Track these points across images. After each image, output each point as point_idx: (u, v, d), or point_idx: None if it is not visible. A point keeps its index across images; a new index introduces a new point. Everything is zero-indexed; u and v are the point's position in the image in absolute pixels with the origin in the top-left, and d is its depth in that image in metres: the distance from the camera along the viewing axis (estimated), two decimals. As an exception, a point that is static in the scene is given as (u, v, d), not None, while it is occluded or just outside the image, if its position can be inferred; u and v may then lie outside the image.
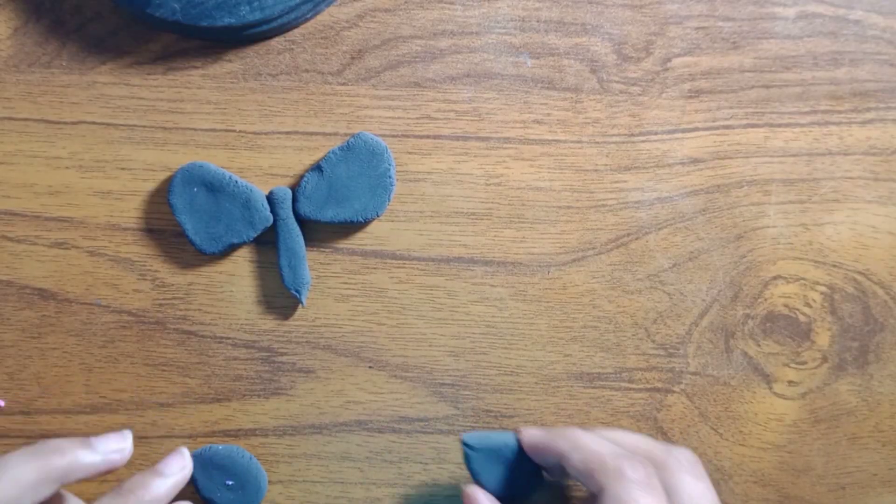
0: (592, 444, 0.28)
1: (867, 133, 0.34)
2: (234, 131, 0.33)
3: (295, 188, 0.32)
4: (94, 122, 0.33)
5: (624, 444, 0.29)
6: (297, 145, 0.33)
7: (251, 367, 0.33)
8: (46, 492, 0.26)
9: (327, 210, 0.32)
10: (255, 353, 0.33)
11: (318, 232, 0.33)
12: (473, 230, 0.33)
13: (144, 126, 0.33)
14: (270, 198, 0.32)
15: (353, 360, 0.34)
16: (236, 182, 0.32)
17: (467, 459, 0.30)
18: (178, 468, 0.30)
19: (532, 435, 0.30)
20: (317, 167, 0.32)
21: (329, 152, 0.32)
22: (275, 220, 0.32)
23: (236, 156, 0.33)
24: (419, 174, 0.33)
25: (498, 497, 0.30)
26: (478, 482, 0.30)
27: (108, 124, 0.33)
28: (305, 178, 0.32)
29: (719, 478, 0.35)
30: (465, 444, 0.30)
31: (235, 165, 0.33)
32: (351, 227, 0.33)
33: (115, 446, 0.28)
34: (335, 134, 0.33)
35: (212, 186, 0.32)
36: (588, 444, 0.28)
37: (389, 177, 0.32)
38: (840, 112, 0.34)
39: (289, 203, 0.32)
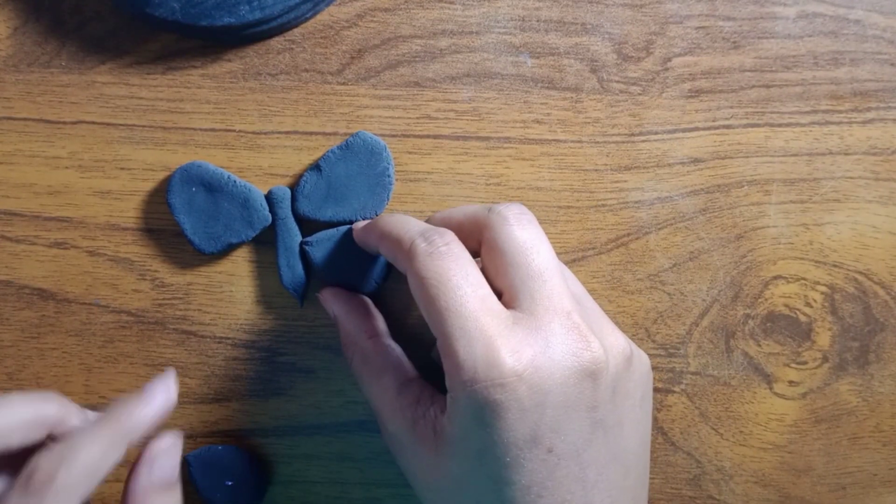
0: (395, 229, 0.27)
1: (868, 133, 0.34)
2: (234, 131, 0.33)
3: (294, 188, 0.32)
4: (93, 122, 0.33)
5: (446, 219, 0.28)
6: (297, 145, 0.33)
7: (251, 367, 0.33)
8: (119, 454, 0.25)
9: (326, 209, 0.32)
10: (255, 353, 0.33)
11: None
12: (473, 230, 0.33)
13: (144, 126, 0.33)
14: (269, 197, 0.32)
15: (353, 361, 0.33)
16: (235, 182, 0.32)
17: (311, 259, 0.32)
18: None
19: (356, 229, 0.30)
20: (315, 166, 0.32)
21: (328, 151, 0.32)
22: (274, 220, 0.32)
23: (236, 155, 0.33)
24: (419, 174, 0.33)
25: (350, 287, 0.32)
26: (327, 277, 0.32)
27: (108, 124, 0.33)
28: (304, 178, 0.32)
29: (720, 478, 0.34)
30: (306, 243, 0.32)
31: (235, 165, 0.33)
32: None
33: (164, 397, 0.27)
34: (335, 133, 0.33)
35: (210, 186, 0.32)
36: (392, 229, 0.27)
37: (388, 175, 0.32)
38: (841, 112, 0.34)
39: (288, 202, 0.32)
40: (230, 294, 0.33)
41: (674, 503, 0.35)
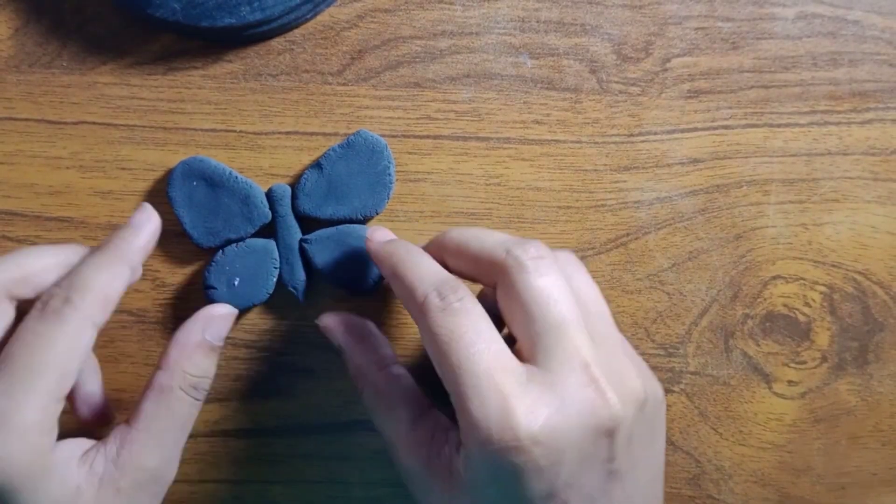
0: (409, 274, 0.26)
1: (866, 133, 0.34)
2: (235, 131, 0.33)
3: (294, 185, 0.32)
4: (94, 123, 0.33)
5: (462, 248, 0.27)
6: (298, 145, 0.33)
7: (251, 366, 0.33)
8: (124, 281, 0.27)
9: (326, 207, 0.32)
10: (255, 353, 0.33)
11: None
12: (473, 230, 0.33)
13: (145, 126, 0.33)
14: (270, 194, 0.32)
15: (353, 360, 0.33)
16: (236, 178, 0.32)
17: (310, 258, 0.32)
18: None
19: (371, 240, 0.29)
20: (316, 164, 0.32)
21: (329, 149, 0.32)
22: (274, 217, 0.32)
23: (237, 156, 0.33)
24: (419, 174, 0.33)
25: (349, 286, 0.32)
26: (326, 277, 0.32)
27: (109, 124, 0.33)
28: (305, 176, 0.32)
29: (719, 477, 0.35)
30: (304, 241, 0.32)
31: (236, 165, 0.33)
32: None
33: (151, 225, 0.29)
34: (335, 134, 0.33)
35: (211, 181, 0.32)
36: (406, 272, 0.27)
37: (389, 174, 0.32)
38: (839, 112, 0.34)
39: (288, 200, 0.32)
40: (231, 294, 0.33)
41: (674, 503, 0.35)
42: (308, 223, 0.33)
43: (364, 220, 0.33)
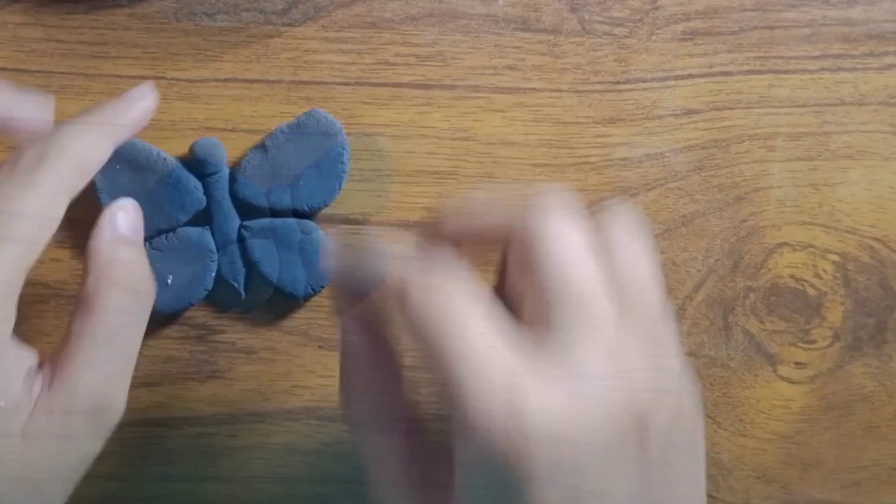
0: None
1: (885, 80, 0.33)
2: (166, 79, 0.31)
3: (234, 168, 0.31)
4: (5, 69, 0.31)
5: (465, 225, 0.24)
6: (237, 94, 0.31)
7: (184, 346, 0.32)
8: (106, 154, 0.27)
9: (270, 195, 0.31)
10: (189, 330, 0.32)
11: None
12: (438, 191, 0.32)
13: (63, 73, 0.31)
14: (196, 152, 0.30)
15: (301, 339, 0.32)
16: (164, 159, 0.30)
17: (248, 251, 0.31)
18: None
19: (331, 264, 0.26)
20: (260, 145, 0.31)
21: (275, 129, 0.31)
22: (209, 203, 0.31)
23: (167, 106, 0.31)
24: (375, 127, 0.32)
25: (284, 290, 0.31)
26: (263, 274, 0.31)
27: (22, 70, 0.31)
28: (246, 157, 0.31)
29: (717, 473, 0.33)
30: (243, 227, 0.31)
31: (166, 118, 0.31)
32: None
33: (144, 103, 0.28)
34: (279, 82, 0.31)
35: (136, 164, 0.30)
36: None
37: (342, 163, 0.31)
38: (854, 56, 0.33)
39: (225, 184, 0.31)
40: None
41: (666, 501, 0.33)
42: (248, 212, 0.31)
43: (310, 213, 0.31)
